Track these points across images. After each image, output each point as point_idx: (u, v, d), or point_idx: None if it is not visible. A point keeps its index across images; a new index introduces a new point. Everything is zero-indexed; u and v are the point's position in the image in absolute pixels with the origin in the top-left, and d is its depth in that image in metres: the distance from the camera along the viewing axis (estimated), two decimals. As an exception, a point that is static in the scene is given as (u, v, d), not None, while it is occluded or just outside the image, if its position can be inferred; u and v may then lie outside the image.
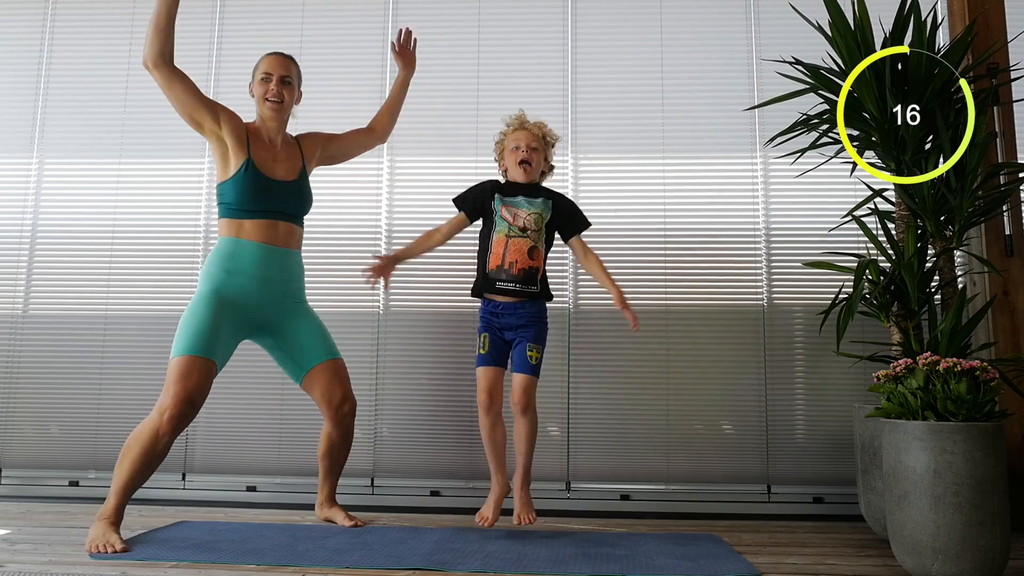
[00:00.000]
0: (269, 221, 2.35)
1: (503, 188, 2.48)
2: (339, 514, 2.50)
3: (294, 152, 2.47)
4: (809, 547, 2.27)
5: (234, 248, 2.32)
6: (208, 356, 2.19)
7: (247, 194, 2.32)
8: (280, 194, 2.37)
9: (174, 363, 2.17)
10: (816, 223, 2.91)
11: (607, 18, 3.12)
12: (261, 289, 2.33)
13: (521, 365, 2.34)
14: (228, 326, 2.27)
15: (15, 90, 3.21)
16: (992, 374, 1.89)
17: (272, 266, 2.34)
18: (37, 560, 1.99)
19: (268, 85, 2.41)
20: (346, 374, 2.47)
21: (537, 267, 2.39)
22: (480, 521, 2.34)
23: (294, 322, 2.41)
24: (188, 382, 2.13)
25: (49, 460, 3.00)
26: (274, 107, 2.41)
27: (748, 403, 2.89)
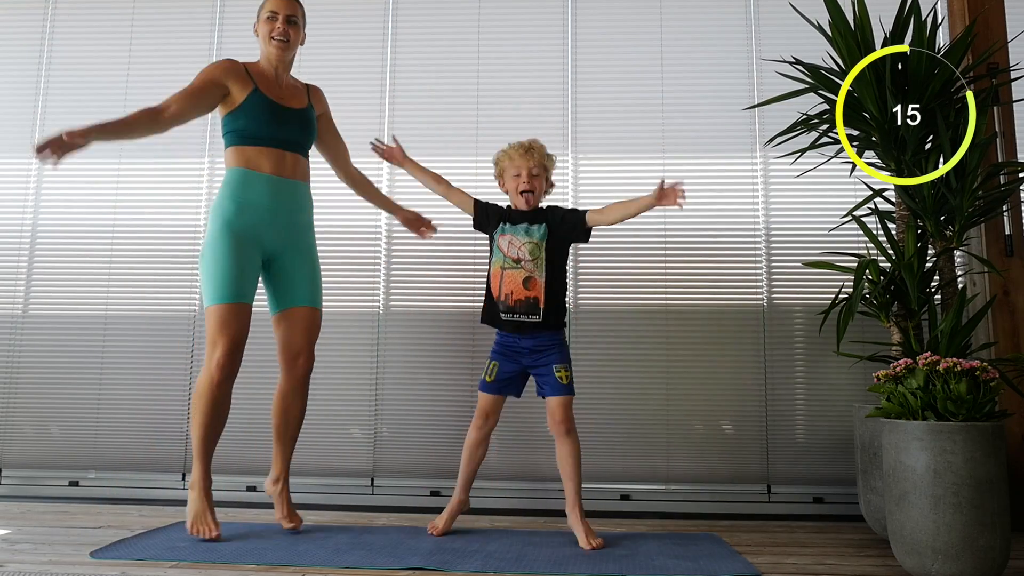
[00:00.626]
0: (278, 151, 2.35)
1: (504, 214, 2.46)
2: (282, 506, 2.40)
3: (300, 91, 2.49)
4: (809, 547, 2.27)
5: (244, 178, 2.31)
6: (242, 299, 2.24)
7: (257, 118, 2.32)
8: (289, 120, 2.38)
9: (212, 312, 2.22)
10: (816, 223, 2.91)
11: (607, 18, 3.12)
12: (272, 220, 2.33)
13: (554, 388, 2.31)
14: (249, 262, 2.28)
15: (15, 90, 3.21)
16: (992, 374, 1.89)
17: (282, 197, 2.35)
18: (37, 560, 1.99)
19: (274, 24, 2.40)
20: (316, 328, 2.44)
21: (536, 297, 2.32)
22: (431, 530, 2.34)
23: (293, 257, 2.40)
24: (230, 330, 2.21)
25: (49, 460, 3.00)
26: (280, 45, 2.40)
27: (748, 403, 2.89)
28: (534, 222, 2.40)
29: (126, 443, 2.98)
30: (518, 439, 2.90)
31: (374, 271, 3.03)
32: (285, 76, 2.46)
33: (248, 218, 2.29)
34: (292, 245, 2.40)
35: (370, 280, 3.03)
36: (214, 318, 2.21)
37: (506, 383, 2.38)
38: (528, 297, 2.33)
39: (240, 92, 2.34)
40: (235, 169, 2.33)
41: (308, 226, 2.47)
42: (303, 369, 2.42)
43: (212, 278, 2.23)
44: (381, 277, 3.03)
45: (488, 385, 2.37)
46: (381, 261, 3.03)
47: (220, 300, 2.21)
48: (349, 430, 2.96)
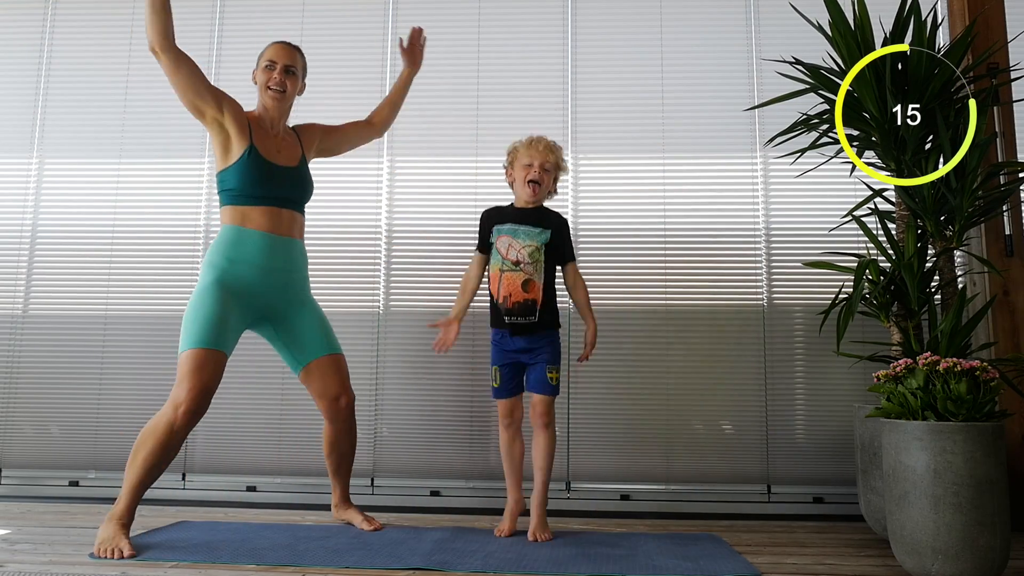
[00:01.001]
0: (273, 209, 2.33)
1: (502, 214, 2.45)
2: (356, 516, 2.47)
3: (293, 141, 2.47)
4: (809, 547, 2.27)
5: (238, 236, 2.30)
6: (219, 348, 2.19)
7: (250, 179, 2.30)
8: (283, 180, 2.36)
9: (186, 356, 2.16)
10: (816, 223, 2.91)
11: (607, 18, 3.12)
12: (265, 278, 2.31)
13: (541, 386, 2.35)
14: (234, 316, 2.26)
15: (15, 90, 3.21)
16: (992, 374, 1.89)
17: (276, 255, 2.33)
18: (37, 560, 1.99)
19: (271, 73, 2.38)
20: (345, 369, 2.45)
21: (534, 299, 2.34)
22: (498, 533, 2.35)
23: (296, 313, 2.40)
24: (203, 375, 2.13)
25: (49, 460, 3.00)
26: (276, 96, 2.38)
27: (748, 403, 2.89)
28: (537, 224, 2.40)
29: (126, 443, 2.93)
30: (518, 439, 2.90)
31: (374, 271, 3.03)
32: (281, 126, 2.44)
33: (239, 275, 2.27)
34: (290, 302, 2.39)
35: (370, 280, 3.03)
36: (188, 362, 2.13)
37: (513, 384, 2.41)
38: (527, 299, 2.34)
39: (237, 141, 2.31)
40: (229, 227, 2.31)
41: (304, 280, 2.46)
42: (347, 409, 2.43)
43: (192, 325, 2.19)
44: (381, 277, 3.03)
45: (499, 391, 2.40)
46: (381, 261, 3.03)
47: (196, 345, 2.15)
48: (349, 430, 2.96)
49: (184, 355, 2.16)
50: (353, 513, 2.49)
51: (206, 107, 2.30)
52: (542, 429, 2.36)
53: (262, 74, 2.40)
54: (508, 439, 2.42)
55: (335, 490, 2.54)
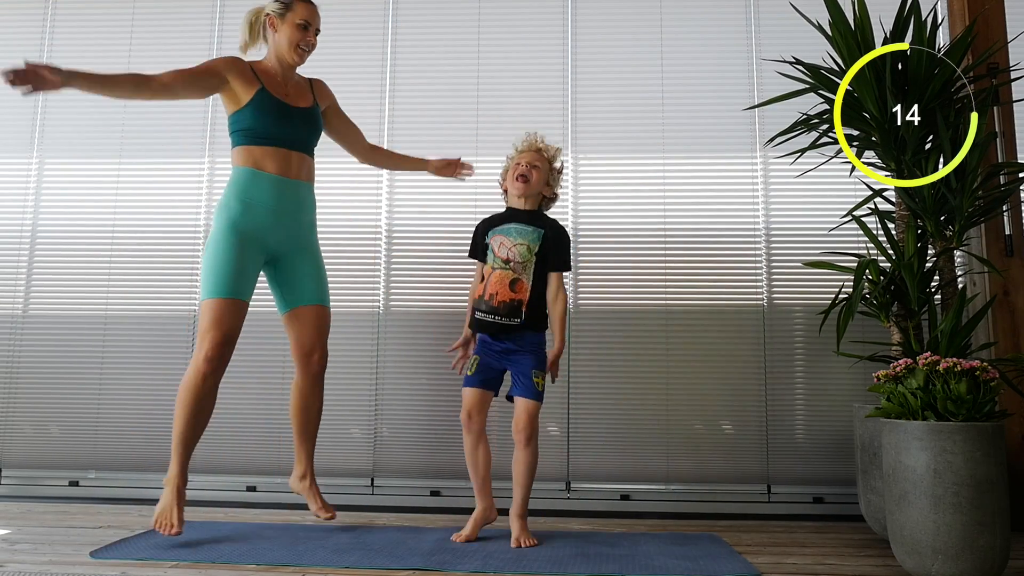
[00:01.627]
0: (284, 151, 2.35)
1: (495, 219, 2.42)
2: (315, 500, 2.44)
3: (305, 89, 2.50)
4: (809, 547, 2.27)
5: (250, 179, 2.32)
6: (238, 296, 2.24)
7: (263, 117, 2.33)
8: (295, 119, 2.39)
9: (207, 306, 2.22)
10: (816, 223, 2.91)
11: (607, 18, 3.12)
12: (276, 221, 2.34)
13: (525, 390, 2.26)
14: (250, 261, 2.29)
15: (15, 90, 3.20)
16: (992, 374, 1.89)
17: (287, 198, 2.36)
18: (37, 560, 1.99)
19: (306, 35, 2.41)
20: (327, 324, 2.46)
21: (521, 299, 2.29)
22: (455, 538, 2.26)
23: (297, 256, 2.42)
24: (223, 325, 2.20)
25: (49, 460, 3.00)
26: (303, 55, 2.43)
27: (748, 403, 2.89)
28: (530, 223, 2.37)
29: (126, 443, 2.98)
30: (518, 439, 2.90)
31: (374, 271, 3.03)
32: (291, 76, 2.47)
33: (253, 217, 2.30)
34: (296, 245, 2.41)
35: (370, 280, 3.03)
36: (208, 311, 2.21)
37: (487, 378, 2.32)
38: (513, 299, 2.29)
39: (245, 91, 2.34)
40: (241, 168, 2.34)
41: (312, 225, 2.49)
42: (318, 366, 2.44)
43: (211, 273, 2.24)
44: (381, 277, 3.03)
45: (470, 379, 2.32)
46: (381, 261, 3.03)
47: (216, 294, 2.22)
48: (349, 430, 2.96)
49: (204, 304, 2.23)
50: (312, 495, 2.45)
51: (215, 90, 2.36)
52: (524, 446, 2.25)
53: (294, 31, 2.40)
54: (471, 444, 2.30)
55: (299, 460, 2.49)
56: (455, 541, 2.25)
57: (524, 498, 2.28)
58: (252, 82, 2.35)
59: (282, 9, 2.41)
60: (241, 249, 2.26)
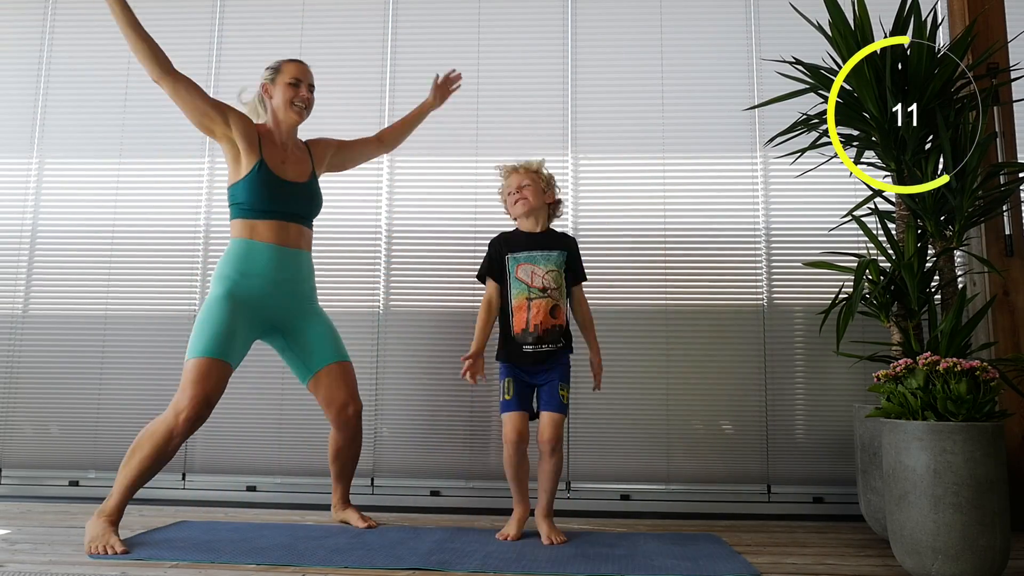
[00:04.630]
0: (281, 223, 2.36)
1: (512, 241, 2.41)
2: (353, 515, 2.50)
3: (304, 155, 2.50)
4: (809, 547, 2.27)
5: (247, 250, 2.33)
6: (225, 359, 2.21)
7: (259, 194, 2.33)
8: (292, 195, 2.39)
9: (191, 364, 2.18)
10: (816, 223, 2.91)
11: (607, 18, 3.12)
12: (274, 290, 2.34)
13: (552, 404, 2.31)
14: (243, 328, 2.28)
15: (15, 90, 3.21)
16: (992, 374, 1.89)
17: (285, 267, 2.36)
18: (37, 560, 1.99)
19: (298, 91, 2.42)
20: (352, 377, 2.47)
21: (560, 324, 2.34)
22: (501, 538, 2.30)
23: (304, 323, 2.42)
24: (206, 384, 2.16)
25: (49, 460, 3.00)
26: (300, 112, 2.44)
27: (748, 403, 2.89)
28: (551, 248, 2.38)
29: (126, 443, 2.95)
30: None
31: (374, 271, 3.03)
32: (292, 141, 2.47)
33: (250, 287, 2.31)
34: (300, 313, 2.42)
35: (370, 280, 3.03)
36: (193, 370, 2.16)
37: (525, 400, 2.35)
38: (555, 325, 2.33)
39: (247, 158, 2.35)
40: (239, 240, 2.35)
41: (312, 291, 2.50)
42: (355, 418, 2.44)
43: (200, 334, 2.21)
44: (381, 277, 3.03)
45: (509, 403, 2.32)
46: (381, 261, 3.03)
47: (203, 354, 2.18)
48: (349, 430, 2.96)
49: (189, 363, 2.19)
50: (350, 513, 2.51)
51: (213, 125, 2.35)
52: (549, 456, 2.29)
53: (285, 90, 2.42)
54: (517, 459, 2.31)
55: (336, 492, 2.55)
56: (499, 539, 2.29)
57: (550, 500, 2.34)
58: (254, 151, 2.35)
59: (272, 74, 2.46)
60: (234, 315, 2.25)
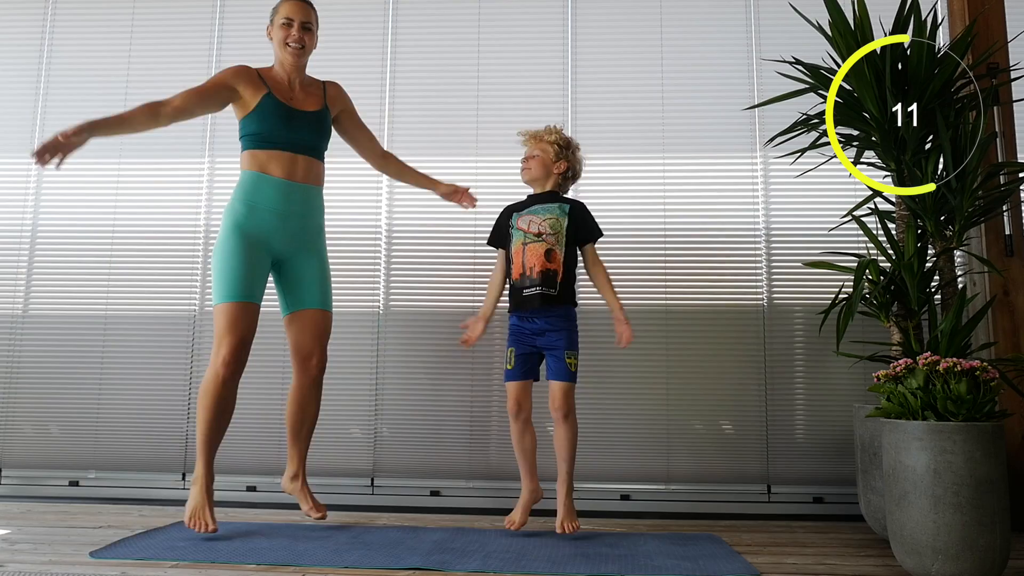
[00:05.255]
0: (290, 155, 2.37)
1: (518, 205, 2.51)
2: (306, 500, 2.47)
3: (316, 90, 2.51)
4: (809, 547, 2.27)
5: (256, 182, 2.35)
6: (250, 299, 2.28)
7: (268, 122, 2.35)
8: (302, 123, 2.40)
9: (220, 311, 2.25)
10: (816, 223, 2.91)
11: (607, 18, 3.12)
12: (282, 223, 2.36)
13: (560, 372, 2.34)
14: (258, 264, 2.32)
15: (15, 90, 3.21)
16: (992, 374, 1.89)
17: (293, 200, 2.38)
18: (37, 560, 1.99)
19: (289, 30, 2.42)
20: (326, 329, 2.47)
21: (555, 270, 2.36)
22: (508, 524, 2.35)
23: (303, 259, 2.43)
24: (238, 329, 2.24)
25: (49, 460, 3.00)
26: (295, 52, 2.43)
27: (748, 403, 2.89)
28: (552, 201, 2.46)
29: (126, 443, 2.98)
30: (518, 439, 2.90)
31: (374, 271, 3.03)
32: (299, 79, 2.48)
33: (258, 220, 2.33)
34: (302, 248, 2.43)
35: (370, 280, 3.03)
36: (222, 316, 2.25)
37: (527, 367, 2.40)
38: (549, 269, 2.36)
39: (252, 96, 2.37)
40: (247, 172, 2.37)
41: (319, 229, 2.50)
42: (316, 370, 2.46)
43: (222, 277, 2.27)
44: (381, 277, 3.03)
45: (512, 373, 2.39)
46: (381, 261, 3.03)
47: (229, 299, 2.25)
48: (349, 430, 2.96)
49: (218, 309, 2.26)
50: (303, 495, 2.49)
51: (229, 101, 2.39)
52: (562, 421, 2.34)
53: (279, 31, 2.43)
54: (519, 431, 2.39)
55: (292, 461, 2.52)
56: (511, 529, 2.33)
57: (569, 473, 2.34)
58: (259, 88, 2.39)
59: (271, 16, 2.47)
60: (249, 252, 2.29)
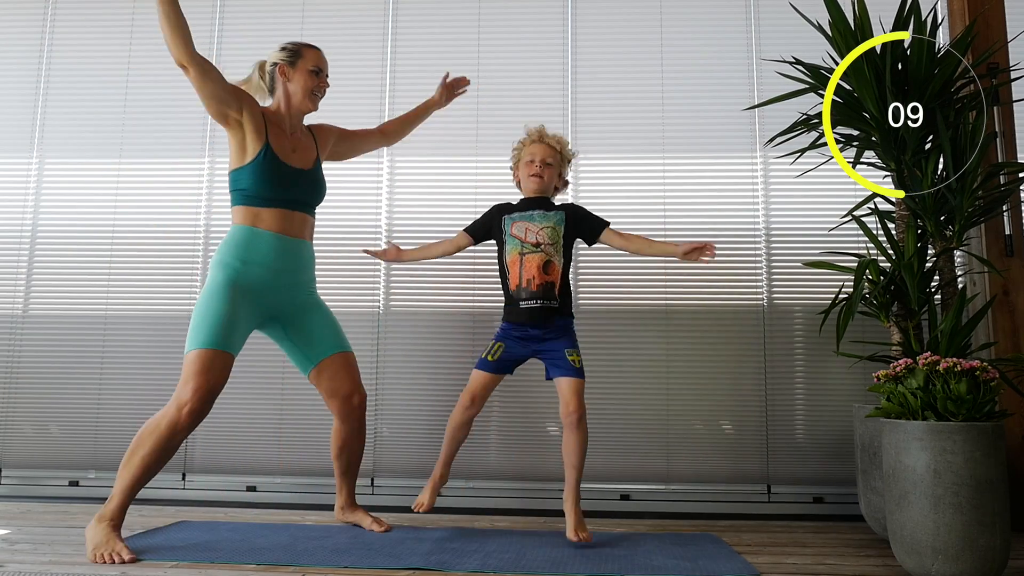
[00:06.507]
0: (285, 211, 2.32)
1: (512, 207, 2.48)
2: (364, 517, 2.45)
3: (309, 141, 2.46)
4: (809, 547, 2.27)
5: (250, 238, 2.28)
6: (226, 349, 2.16)
7: (265, 181, 2.28)
8: (297, 182, 2.35)
9: (193, 356, 2.13)
10: (816, 223, 2.91)
11: (607, 18, 3.12)
12: (275, 280, 2.30)
13: (566, 369, 2.31)
14: (244, 317, 2.24)
15: (15, 90, 3.21)
16: (992, 374, 1.89)
17: (287, 256, 2.32)
18: (37, 560, 1.99)
19: (318, 80, 2.39)
20: (355, 367, 2.43)
21: (553, 281, 2.34)
22: (416, 507, 2.37)
23: (305, 313, 2.39)
24: (209, 376, 2.10)
25: (49, 460, 3.00)
26: (316, 102, 2.41)
27: (748, 403, 2.89)
28: (549, 209, 2.44)
29: (126, 443, 2.95)
30: (518, 440, 2.90)
31: (374, 271, 3.03)
32: (299, 125, 2.44)
33: (251, 276, 2.25)
34: (300, 303, 2.38)
35: (370, 280, 3.03)
36: (195, 362, 2.11)
37: (506, 364, 2.38)
38: (547, 281, 2.34)
39: (252, 143, 2.28)
40: (240, 227, 2.29)
41: (312, 282, 2.46)
42: (359, 408, 2.41)
43: (201, 324, 2.15)
44: (381, 277, 3.03)
45: (487, 364, 2.36)
46: (381, 261, 3.03)
47: (205, 345, 2.12)
48: (349, 430, 2.96)
49: (191, 354, 2.13)
50: (361, 515, 2.47)
51: (229, 111, 2.27)
52: (575, 427, 2.28)
53: (308, 78, 2.37)
54: (461, 421, 2.38)
55: (341, 492, 2.51)
56: (419, 512, 2.37)
57: (577, 480, 2.31)
58: (260, 135, 2.29)
59: (291, 57, 2.38)
60: (235, 304, 2.19)
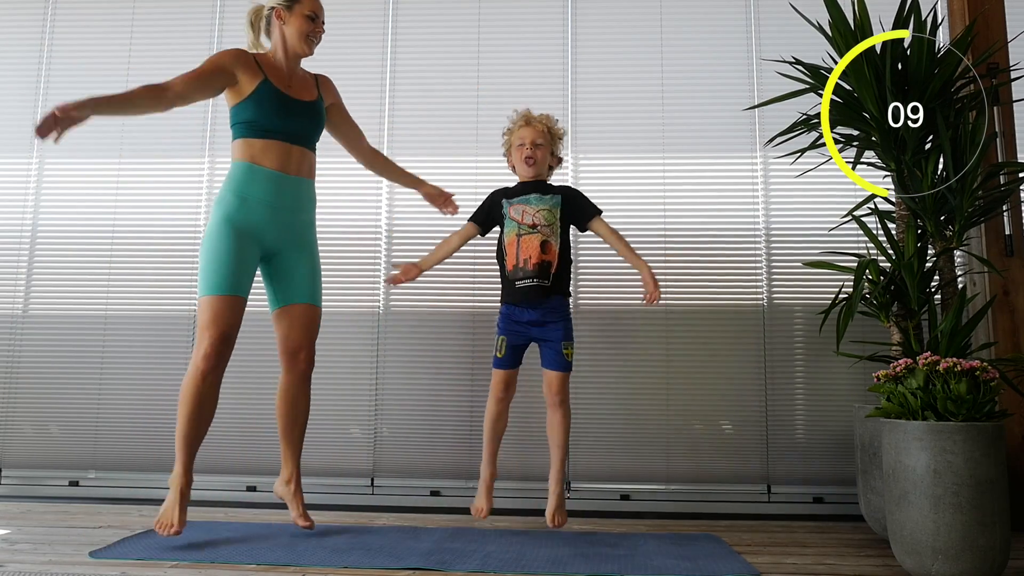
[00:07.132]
0: (284, 145, 2.32)
1: (511, 191, 2.52)
2: (297, 506, 2.38)
3: (310, 82, 2.49)
4: (809, 547, 2.27)
5: (248, 173, 2.29)
6: (235, 292, 2.21)
7: (265, 109, 2.30)
8: (298, 113, 2.36)
9: (205, 303, 2.20)
10: (816, 223, 2.91)
11: (607, 18, 3.12)
12: (273, 217, 2.31)
13: (556, 363, 2.39)
14: (248, 257, 2.27)
15: (15, 90, 3.21)
16: (992, 374, 1.89)
17: (285, 194, 2.33)
18: (37, 560, 1.99)
19: (314, 26, 2.41)
20: (316, 325, 2.42)
21: (550, 261, 2.39)
22: (476, 514, 2.39)
23: (293, 254, 2.39)
24: (222, 322, 2.18)
25: (49, 460, 3.00)
26: (312, 46, 2.43)
27: (748, 403, 2.89)
28: (546, 192, 2.48)
29: (126, 443, 2.98)
30: (518, 440, 2.89)
31: (374, 271, 3.03)
32: (296, 68, 2.46)
33: (249, 213, 2.27)
34: (293, 242, 2.39)
35: (370, 280, 3.03)
36: (207, 309, 2.19)
37: (517, 356, 2.45)
38: (544, 260, 2.38)
39: (249, 82, 2.31)
40: (240, 163, 2.31)
41: (310, 223, 2.46)
42: (304, 365, 2.41)
43: (209, 269, 2.22)
44: (381, 277, 3.03)
45: (501, 361, 2.43)
46: (381, 261, 3.03)
47: (214, 291, 2.19)
48: (349, 430, 2.96)
49: (202, 301, 2.21)
50: (296, 502, 2.39)
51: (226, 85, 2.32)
52: (557, 407, 2.39)
53: (302, 22, 2.39)
54: (497, 412, 2.45)
55: (285, 464, 2.44)
56: (480, 518, 2.41)
57: (562, 460, 2.41)
58: (256, 73, 2.33)
59: (288, 2, 2.41)
60: (238, 244, 2.24)
